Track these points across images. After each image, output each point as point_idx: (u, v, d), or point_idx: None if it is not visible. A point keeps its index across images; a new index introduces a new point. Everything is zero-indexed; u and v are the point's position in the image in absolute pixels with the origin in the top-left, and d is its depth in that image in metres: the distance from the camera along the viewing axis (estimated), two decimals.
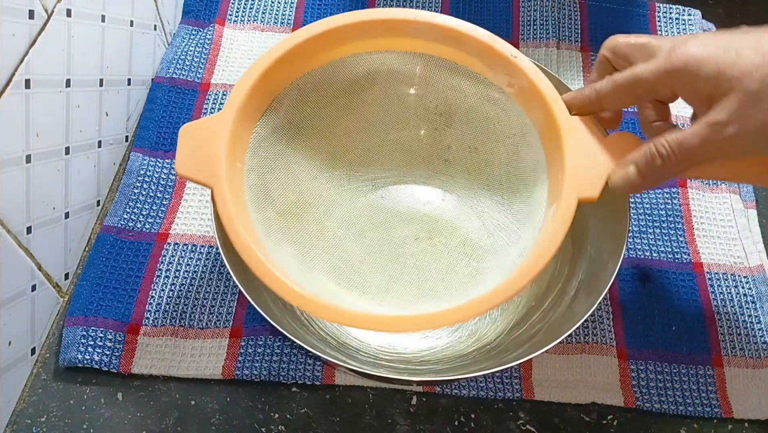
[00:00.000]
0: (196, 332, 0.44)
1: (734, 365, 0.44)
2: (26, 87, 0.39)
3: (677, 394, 0.43)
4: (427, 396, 0.43)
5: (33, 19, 0.39)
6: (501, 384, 0.43)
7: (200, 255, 0.47)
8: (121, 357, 0.43)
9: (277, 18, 0.59)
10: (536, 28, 0.59)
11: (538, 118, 0.39)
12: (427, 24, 0.41)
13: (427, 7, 0.60)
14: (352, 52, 0.42)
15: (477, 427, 0.42)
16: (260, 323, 0.44)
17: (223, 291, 0.46)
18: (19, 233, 0.40)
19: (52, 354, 0.44)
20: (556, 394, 0.43)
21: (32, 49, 0.39)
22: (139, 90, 0.54)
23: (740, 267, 0.48)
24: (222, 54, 0.56)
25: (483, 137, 0.44)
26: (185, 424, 0.42)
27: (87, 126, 0.47)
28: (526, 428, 0.42)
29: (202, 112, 0.53)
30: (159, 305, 0.45)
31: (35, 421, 0.41)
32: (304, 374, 0.43)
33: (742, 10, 0.63)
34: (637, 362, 0.44)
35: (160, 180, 0.50)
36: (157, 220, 0.48)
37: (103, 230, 0.47)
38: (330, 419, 0.42)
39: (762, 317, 0.46)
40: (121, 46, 0.50)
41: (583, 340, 0.45)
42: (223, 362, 0.43)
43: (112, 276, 0.45)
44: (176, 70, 0.54)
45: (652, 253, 0.48)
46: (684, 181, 0.51)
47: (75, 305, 0.44)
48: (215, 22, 0.57)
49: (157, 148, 0.51)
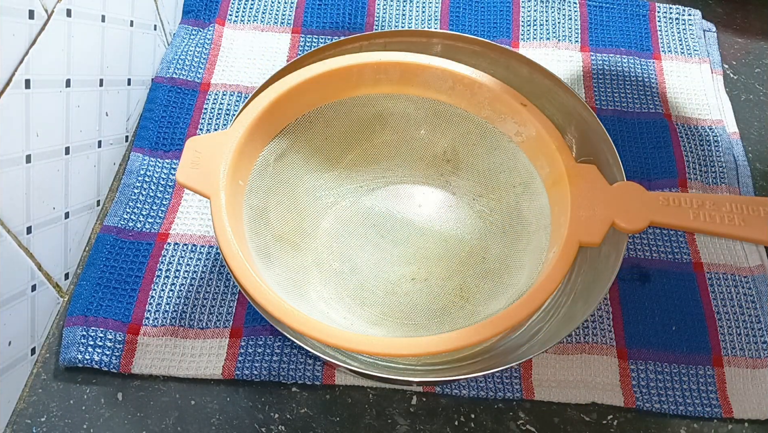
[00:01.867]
0: (196, 332, 0.44)
1: (734, 365, 0.44)
2: (26, 87, 0.39)
3: (677, 394, 0.43)
4: (427, 396, 0.43)
5: (33, 19, 0.39)
6: (501, 384, 0.43)
7: (200, 255, 0.47)
8: (121, 357, 0.43)
9: (277, 18, 0.59)
10: (536, 28, 0.59)
11: (544, 167, 0.40)
12: (440, 70, 0.41)
13: (427, 8, 0.60)
14: (366, 92, 0.42)
15: (477, 427, 0.42)
16: (260, 323, 0.44)
17: (223, 291, 0.46)
18: (19, 233, 0.40)
19: (52, 354, 0.44)
20: (556, 394, 0.43)
21: (32, 49, 0.39)
22: (139, 90, 0.54)
23: (740, 267, 0.48)
24: (222, 54, 0.56)
25: (488, 185, 0.45)
26: (185, 424, 0.42)
27: (87, 126, 0.47)
28: (526, 428, 0.42)
29: (202, 112, 0.53)
30: (159, 305, 0.45)
31: (35, 421, 0.41)
32: (304, 374, 0.43)
33: (742, 10, 0.63)
34: (637, 362, 0.44)
35: (160, 180, 0.50)
36: (157, 220, 0.48)
37: (103, 230, 0.47)
38: (330, 419, 0.42)
39: (762, 317, 0.46)
40: (121, 46, 0.50)
41: (583, 340, 0.45)
42: (223, 362, 0.43)
43: (112, 276, 0.45)
44: (176, 70, 0.55)
45: (652, 253, 0.48)
46: (684, 181, 0.51)
47: (75, 305, 0.44)
48: (215, 22, 0.57)
49: (157, 148, 0.51)
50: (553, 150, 0.38)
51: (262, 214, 0.41)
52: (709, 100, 0.56)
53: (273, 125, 0.41)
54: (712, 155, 0.52)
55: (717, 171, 0.52)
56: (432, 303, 0.42)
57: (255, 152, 0.40)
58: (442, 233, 0.46)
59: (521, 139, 0.41)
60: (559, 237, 0.36)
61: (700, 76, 0.57)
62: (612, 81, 0.57)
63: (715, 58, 0.59)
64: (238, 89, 0.54)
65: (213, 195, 0.36)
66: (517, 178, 0.43)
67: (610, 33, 0.60)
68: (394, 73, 0.42)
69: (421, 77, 0.42)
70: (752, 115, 0.57)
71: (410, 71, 0.42)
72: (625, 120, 0.54)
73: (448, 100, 0.43)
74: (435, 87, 0.42)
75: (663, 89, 0.56)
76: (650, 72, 0.57)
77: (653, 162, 0.52)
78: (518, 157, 0.42)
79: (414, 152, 0.47)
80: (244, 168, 0.39)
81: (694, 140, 0.53)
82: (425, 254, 0.44)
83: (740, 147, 0.54)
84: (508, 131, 0.42)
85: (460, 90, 0.42)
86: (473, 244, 0.45)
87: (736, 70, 0.59)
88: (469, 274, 0.43)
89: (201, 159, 0.37)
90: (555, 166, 0.38)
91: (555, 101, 0.46)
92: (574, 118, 0.45)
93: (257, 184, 0.40)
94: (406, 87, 0.43)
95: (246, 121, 0.38)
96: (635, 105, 0.55)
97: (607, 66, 0.57)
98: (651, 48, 0.59)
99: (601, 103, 0.55)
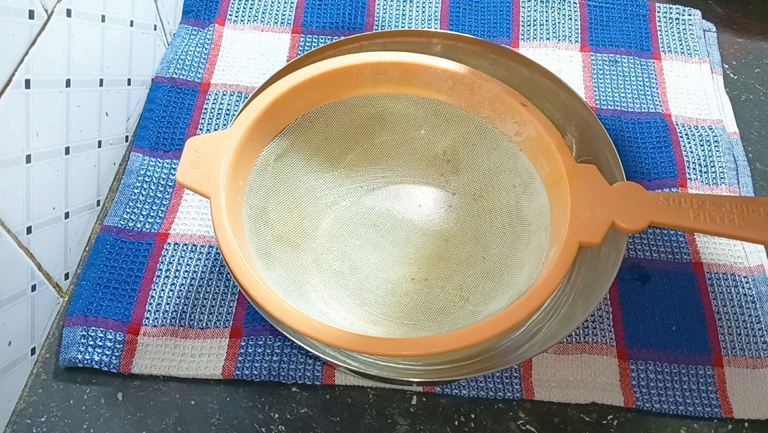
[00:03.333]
0: (196, 332, 0.44)
1: (734, 365, 0.44)
2: (26, 87, 0.39)
3: (677, 394, 0.43)
4: (427, 396, 0.43)
5: (33, 19, 0.39)
6: (501, 384, 0.43)
7: (200, 255, 0.47)
8: (121, 357, 0.43)
9: (277, 18, 0.59)
10: (536, 28, 0.59)
11: (544, 167, 0.40)
12: (440, 70, 0.41)
13: (427, 8, 0.60)
14: (366, 92, 0.42)
15: (477, 427, 0.42)
16: (260, 323, 0.44)
17: (223, 291, 0.46)
18: (19, 233, 0.40)
19: (52, 354, 0.44)
20: (556, 394, 0.43)
21: (32, 49, 0.39)
22: (139, 90, 0.54)
23: (740, 267, 0.48)
24: (222, 54, 0.56)
25: (488, 185, 0.45)
26: (185, 424, 0.42)
27: (87, 126, 0.47)
28: (526, 428, 0.42)
29: (202, 112, 0.53)
30: (159, 305, 0.45)
31: (35, 421, 0.41)
32: (304, 374, 0.43)
33: (742, 10, 0.63)
34: (637, 362, 0.44)
35: (160, 180, 0.50)
36: (157, 220, 0.48)
37: (103, 230, 0.47)
38: (330, 419, 0.42)
39: (762, 317, 0.46)
40: (121, 46, 0.50)
41: (583, 340, 0.45)
42: (223, 362, 0.43)
43: (112, 276, 0.45)
44: (176, 70, 0.54)
45: (652, 253, 0.48)
46: (684, 181, 0.51)
47: (75, 305, 0.44)
48: (215, 22, 0.58)
49: (157, 148, 0.51)
50: (553, 150, 0.38)
51: (262, 214, 0.41)
52: (709, 100, 0.56)
53: (273, 125, 0.41)
54: (712, 155, 0.52)
55: (717, 171, 0.52)
56: (432, 303, 0.42)
57: (255, 152, 0.40)
58: (442, 233, 0.46)
59: (521, 139, 0.41)
60: (559, 237, 0.36)
61: (700, 76, 0.57)
62: (612, 81, 0.57)
63: (715, 58, 0.59)
64: (238, 89, 0.54)
65: (213, 195, 0.36)
66: (517, 179, 0.43)
67: (610, 33, 0.60)
68: (394, 73, 0.42)
69: (421, 77, 0.42)
70: (752, 115, 0.57)
71: (410, 71, 0.42)
72: (625, 120, 0.54)
73: (448, 100, 0.43)
74: (435, 87, 0.42)
75: (663, 89, 0.56)
76: (650, 72, 0.57)
77: (653, 162, 0.52)
78: (518, 158, 0.42)
79: (414, 152, 0.47)
80: (244, 168, 0.39)
81: (694, 140, 0.53)
82: (425, 254, 0.44)
83: (740, 147, 0.54)
84: (508, 131, 0.42)
85: (460, 90, 0.42)
86: (473, 244, 0.45)
87: (736, 70, 0.59)
88: (469, 274, 0.43)
89: (201, 159, 0.37)
90: (555, 166, 0.38)
91: (555, 101, 0.46)
92: (574, 118, 0.45)
93: (257, 184, 0.40)
94: (406, 87, 0.43)
95: (246, 121, 0.38)
96: (635, 105, 0.55)
97: (607, 66, 0.57)
98: (651, 48, 0.59)
99: (601, 103, 0.55)
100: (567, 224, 0.36)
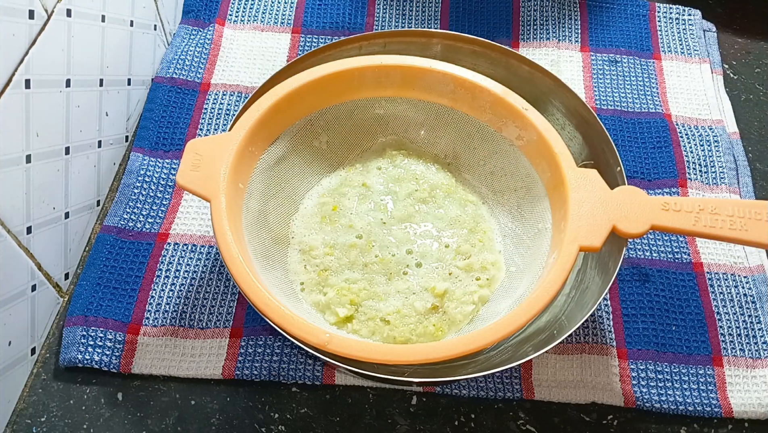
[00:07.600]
0: (196, 332, 0.44)
1: (734, 365, 0.44)
2: (26, 87, 0.39)
3: (677, 394, 0.43)
4: (427, 396, 0.43)
5: (33, 19, 0.39)
6: (501, 384, 0.43)
7: (200, 255, 0.47)
8: (121, 357, 0.43)
9: (277, 18, 0.59)
10: (536, 28, 0.59)
11: (545, 171, 0.40)
12: (441, 74, 0.41)
13: (427, 8, 0.60)
14: (367, 95, 0.42)
15: (477, 427, 0.42)
16: (260, 323, 0.44)
17: (223, 291, 0.46)
18: (19, 233, 0.40)
19: (52, 354, 0.44)
20: (556, 394, 0.43)
21: (32, 49, 0.39)
22: (139, 90, 0.54)
23: (740, 267, 0.48)
24: (222, 54, 0.56)
25: (489, 189, 0.45)
26: (185, 424, 0.42)
27: (87, 126, 0.47)
28: (526, 428, 0.42)
29: (202, 112, 0.53)
30: (159, 305, 0.45)
31: (35, 421, 0.41)
32: (304, 374, 0.43)
33: (742, 10, 0.63)
34: (637, 362, 0.44)
35: (160, 180, 0.50)
36: (157, 220, 0.48)
37: (103, 230, 0.47)
38: (330, 419, 0.42)
39: (762, 317, 0.46)
40: (121, 46, 0.50)
41: (583, 340, 0.45)
42: (223, 362, 0.43)
43: (112, 276, 0.45)
44: (176, 70, 0.54)
45: (652, 253, 0.48)
46: (684, 181, 0.51)
47: (75, 305, 0.44)
48: (215, 22, 0.57)
49: (157, 148, 0.51)
50: (554, 154, 0.38)
51: (261, 217, 0.41)
52: (709, 100, 0.56)
53: (274, 128, 0.41)
54: (712, 155, 0.52)
55: (717, 171, 0.52)
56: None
57: (255, 155, 0.40)
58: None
59: (522, 143, 0.41)
60: (560, 241, 0.36)
61: (700, 76, 0.57)
62: (612, 81, 0.57)
63: (715, 58, 0.59)
64: (238, 89, 0.54)
65: (213, 198, 0.36)
66: (518, 182, 0.43)
67: (610, 33, 0.60)
68: (395, 76, 0.42)
69: (422, 81, 0.42)
70: (752, 115, 0.57)
71: (411, 75, 0.42)
72: (625, 120, 0.54)
73: (449, 104, 0.43)
74: (436, 91, 0.42)
75: (663, 89, 0.56)
76: (650, 72, 0.57)
77: (653, 162, 0.52)
78: (519, 161, 0.42)
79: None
80: (244, 171, 0.39)
81: (694, 140, 0.53)
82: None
83: (740, 147, 0.54)
84: (509, 135, 0.42)
85: (461, 94, 0.42)
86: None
87: (736, 70, 0.59)
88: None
89: (201, 162, 0.37)
90: (556, 170, 0.38)
91: (555, 101, 0.46)
92: (574, 118, 0.45)
93: (257, 187, 0.40)
94: (408, 90, 0.43)
95: (246, 124, 0.38)
96: (635, 105, 0.55)
97: (607, 66, 0.57)
98: (651, 48, 0.59)
99: (601, 103, 0.55)
100: (568, 228, 0.36)
